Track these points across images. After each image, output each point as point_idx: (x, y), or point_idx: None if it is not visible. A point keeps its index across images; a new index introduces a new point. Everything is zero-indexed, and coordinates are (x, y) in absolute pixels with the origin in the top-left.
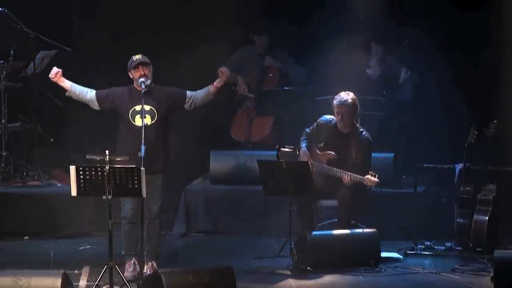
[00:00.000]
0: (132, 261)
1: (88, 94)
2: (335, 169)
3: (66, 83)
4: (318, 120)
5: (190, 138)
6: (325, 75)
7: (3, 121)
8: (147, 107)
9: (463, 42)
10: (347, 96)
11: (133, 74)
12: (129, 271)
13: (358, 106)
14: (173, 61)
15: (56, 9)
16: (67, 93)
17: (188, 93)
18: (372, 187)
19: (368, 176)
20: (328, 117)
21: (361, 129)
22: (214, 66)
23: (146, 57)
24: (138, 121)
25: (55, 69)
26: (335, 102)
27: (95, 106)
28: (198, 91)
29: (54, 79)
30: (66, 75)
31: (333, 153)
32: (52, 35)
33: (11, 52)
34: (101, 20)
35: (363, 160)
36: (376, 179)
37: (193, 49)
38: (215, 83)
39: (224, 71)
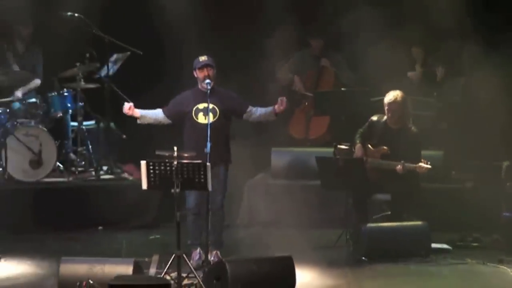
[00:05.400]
0: (198, 250)
1: (159, 115)
2: (388, 161)
3: (137, 113)
4: (369, 120)
5: (252, 137)
6: (375, 77)
7: (79, 119)
8: (210, 106)
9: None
10: (396, 94)
11: (198, 74)
12: (195, 259)
13: (407, 103)
14: (237, 67)
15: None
16: (138, 121)
17: (250, 107)
18: (425, 174)
19: (421, 164)
20: (378, 116)
21: (410, 125)
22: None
23: (211, 59)
24: (200, 119)
25: (127, 105)
26: (386, 100)
27: (167, 122)
28: (260, 108)
29: (129, 113)
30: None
31: (386, 147)
32: (124, 39)
33: (87, 55)
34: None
35: (414, 153)
36: (428, 166)
37: (252, 61)
38: (276, 108)
39: (283, 100)
